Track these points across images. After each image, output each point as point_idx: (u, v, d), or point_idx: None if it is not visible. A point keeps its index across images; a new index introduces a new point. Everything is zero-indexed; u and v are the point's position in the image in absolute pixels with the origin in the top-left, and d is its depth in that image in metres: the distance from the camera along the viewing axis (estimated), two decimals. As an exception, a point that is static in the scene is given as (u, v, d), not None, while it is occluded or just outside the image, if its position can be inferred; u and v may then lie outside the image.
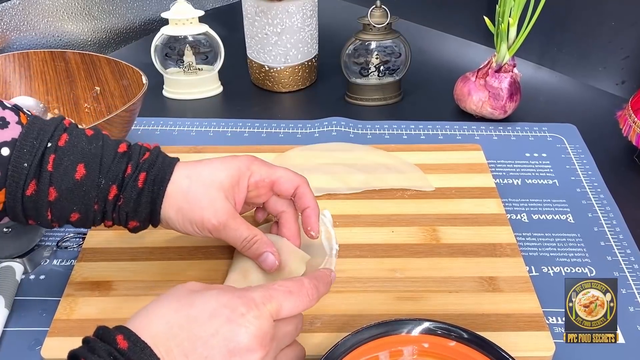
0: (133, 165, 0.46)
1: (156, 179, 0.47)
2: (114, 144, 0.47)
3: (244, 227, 0.49)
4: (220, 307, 0.37)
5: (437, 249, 0.57)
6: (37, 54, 0.74)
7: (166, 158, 0.49)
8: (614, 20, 0.81)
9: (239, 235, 0.49)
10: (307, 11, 0.82)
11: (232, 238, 0.49)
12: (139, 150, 0.48)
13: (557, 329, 0.50)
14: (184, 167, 0.49)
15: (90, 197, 0.45)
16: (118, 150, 0.47)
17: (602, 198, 0.65)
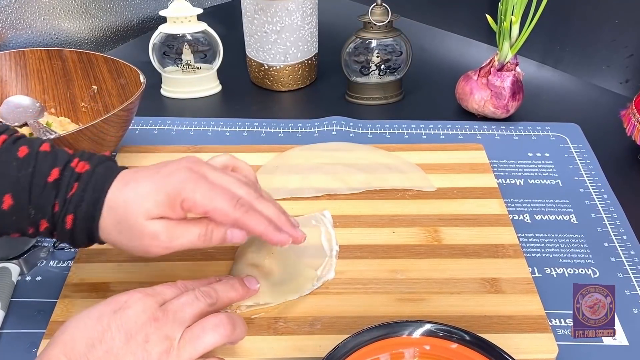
0: (60, 202, 0.45)
1: (85, 216, 0.45)
2: (46, 169, 0.45)
3: (190, 226, 0.45)
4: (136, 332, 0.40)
5: (439, 250, 0.57)
6: (34, 52, 0.73)
7: (97, 185, 0.45)
8: (618, 18, 0.81)
9: (191, 237, 0.45)
10: (307, 9, 0.81)
11: (187, 244, 0.45)
12: (68, 180, 0.45)
13: (560, 330, 0.50)
14: (115, 195, 0.45)
15: (23, 224, 0.45)
16: (48, 179, 0.45)
17: (606, 198, 0.65)
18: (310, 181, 0.65)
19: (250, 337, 0.48)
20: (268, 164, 0.68)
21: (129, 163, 0.68)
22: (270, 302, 0.51)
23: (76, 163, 0.46)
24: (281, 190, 0.64)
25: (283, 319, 0.50)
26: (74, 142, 0.59)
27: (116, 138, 0.65)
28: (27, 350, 0.48)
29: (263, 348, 0.48)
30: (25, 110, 0.71)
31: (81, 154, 0.47)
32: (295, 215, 0.60)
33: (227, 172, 0.49)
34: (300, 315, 0.50)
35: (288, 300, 0.51)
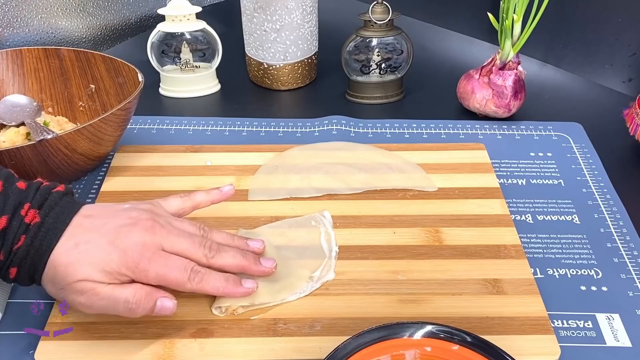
0: (5, 253, 0.45)
1: (29, 270, 0.46)
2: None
3: (119, 289, 0.45)
4: None
5: (440, 251, 0.57)
6: (31, 51, 0.73)
7: (44, 240, 0.45)
8: (621, 16, 0.80)
9: (116, 300, 0.45)
10: (307, 7, 0.81)
11: (111, 308, 0.45)
12: (15, 231, 0.45)
13: (563, 332, 0.50)
14: (60, 254, 0.45)
15: None
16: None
17: (609, 198, 0.64)
18: (310, 181, 0.65)
19: (250, 339, 0.48)
20: (267, 163, 0.68)
21: (128, 163, 0.68)
22: (266, 302, 0.51)
23: (26, 210, 0.46)
24: (281, 190, 0.64)
25: (283, 320, 0.50)
26: (72, 142, 0.59)
27: (114, 137, 0.65)
28: (25, 352, 0.48)
29: (263, 349, 0.47)
30: (22, 110, 0.71)
31: (34, 193, 0.47)
32: (295, 216, 0.60)
33: (184, 227, 0.50)
34: (300, 316, 0.50)
35: (283, 299, 0.51)
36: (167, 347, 0.48)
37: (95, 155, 0.64)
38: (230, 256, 0.49)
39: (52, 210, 0.46)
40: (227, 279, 0.48)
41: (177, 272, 0.47)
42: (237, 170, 0.67)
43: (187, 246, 0.48)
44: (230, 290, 0.48)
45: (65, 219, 0.46)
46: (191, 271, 0.47)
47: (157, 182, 0.65)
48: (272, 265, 0.51)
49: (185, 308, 0.50)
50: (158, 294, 0.46)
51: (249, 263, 0.50)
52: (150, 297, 0.46)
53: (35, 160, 0.58)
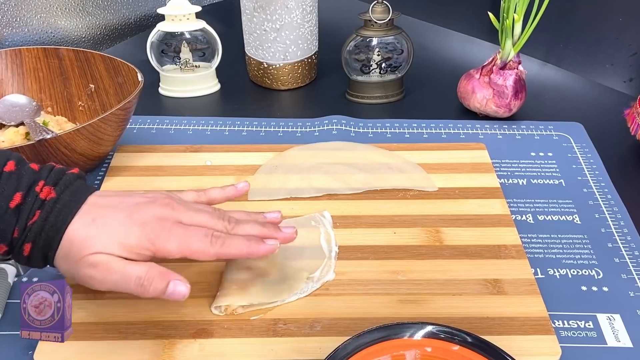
0: (20, 229, 0.45)
1: (44, 245, 0.45)
2: (9, 192, 0.44)
3: (132, 265, 0.44)
4: None
5: (441, 251, 0.56)
6: (30, 50, 0.73)
7: (59, 216, 0.45)
8: (622, 16, 0.80)
9: (128, 275, 0.44)
10: (306, 7, 0.81)
11: (122, 284, 0.44)
12: (30, 207, 0.44)
13: (564, 332, 0.50)
14: (77, 229, 0.45)
15: None
16: (10, 205, 0.44)
17: (610, 198, 0.64)
18: (310, 181, 0.64)
19: (250, 339, 0.48)
20: (267, 163, 0.68)
21: (127, 163, 0.68)
22: (264, 303, 0.51)
23: (41, 187, 0.45)
24: (281, 190, 0.63)
25: (283, 320, 0.50)
26: (71, 142, 0.59)
27: (114, 137, 0.65)
28: (24, 352, 0.48)
29: (263, 350, 0.47)
30: (21, 109, 0.71)
31: (48, 172, 0.46)
32: (295, 216, 0.60)
33: (200, 207, 0.49)
34: (300, 316, 0.50)
35: (282, 300, 0.51)
36: (166, 347, 0.47)
37: (94, 155, 0.63)
38: (249, 227, 0.49)
39: (68, 188, 0.46)
40: (249, 239, 0.47)
41: (198, 239, 0.46)
42: (237, 170, 0.67)
43: (207, 219, 0.48)
44: (254, 249, 0.47)
45: (80, 197, 0.46)
46: (212, 236, 0.46)
47: (156, 182, 0.65)
48: (293, 231, 0.50)
49: (185, 308, 0.50)
50: (172, 276, 0.45)
51: (269, 230, 0.49)
52: (163, 277, 0.44)
53: (34, 160, 0.57)
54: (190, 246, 0.45)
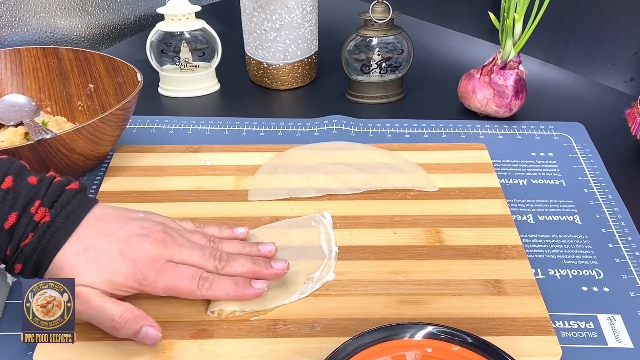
0: (12, 249, 0.45)
1: (34, 266, 0.46)
2: (5, 211, 0.44)
3: (110, 305, 0.45)
4: None
5: (441, 251, 0.56)
6: (29, 50, 0.73)
7: (51, 240, 0.45)
8: (623, 15, 0.80)
9: (104, 314, 0.45)
10: (306, 6, 0.81)
11: (97, 320, 0.45)
12: (23, 229, 0.45)
13: (564, 333, 0.50)
14: (67, 256, 0.45)
15: None
16: (5, 225, 0.44)
17: (610, 199, 0.64)
18: (310, 181, 0.64)
19: (249, 340, 0.48)
20: (267, 163, 0.67)
21: (127, 163, 0.67)
22: (259, 309, 0.50)
23: (36, 208, 0.45)
24: (281, 190, 0.63)
25: (283, 321, 0.50)
26: (71, 142, 0.59)
27: (113, 137, 0.64)
28: (23, 353, 0.48)
29: (262, 350, 0.47)
30: (20, 109, 0.71)
31: (45, 190, 0.46)
32: (295, 216, 0.60)
33: (195, 239, 0.50)
34: (300, 317, 0.50)
35: (278, 305, 0.51)
36: (166, 348, 0.47)
37: (94, 155, 0.63)
38: (240, 264, 0.50)
39: (64, 209, 0.46)
40: (236, 282, 0.49)
41: (186, 281, 0.47)
42: (237, 170, 0.67)
43: (198, 258, 0.48)
44: (241, 293, 0.48)
45: (75, 219, 0.46)
46: (199, 278, 0.47)
47: (156, 182, 0.65)
48: (284, 266, 0.51)
49: (185, 309, 0.50)
50: (146, 321, 0.46)
51: (260, 268, 0.50)
52: (136, 322, 0.45)
53: (33, 160, 0.57)
54: (176, 287, 0.47)
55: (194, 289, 0.47)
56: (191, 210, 0.60)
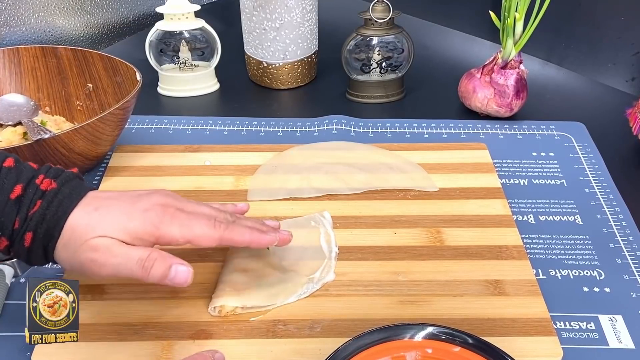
0: (21, 219, 0.44)
1: (45, 235, 0.44)
2: (9, 185, 0.44)
3: (134, 248, 0.44)
4: None
5: (441, 251, 0.56)
6: (28, 50, 0.73)
7: (60, 206, 0.45)
8: (624, 15, 0.80)
9: (130, 257, 0.44)
10: (306, 5, 0.80)
11: (124, 267, 0.44)
12: (31, 197, 0.44)
13: (565, 334, 0.49)
14: (79, 217, 0.44)
15: None
16: (10, 196, 0.44)
17: (612, 199, 0.64)
18: (310, 181, 0.64)
19: (249, 340, 0.48)
20: (267, 163, 0.67)
21: (126, 163, 0.67)
22: (259, 306, 0.50)
23: (41, 180, 0.45)
24: (281, 190, 0.63)
25: (282, 321, 0.49)
26: (69, 141, 0.59)
27: (112, 137, 0.64)
28: (22, 353, 0.47)
29: (262, 351, 0.47)
30: (19, 109, 0.70)
31: (47, 169, 0.46)
32: (295, 216, 0.60)
33: (201, 203, 0.50)
34: (300, 317, 0.50)
35: (277, 304, 0.51)
36: (165, 348, 0.47)
37: (93, 155, 0.63)
38: (249, 222, 0.50)
39: (68, 182, 0.46)
40: (252, 228, 0.49)
41: (202, 224, 0.46)
42: (237, 170, 0.66)
43: (208, 210, 0.48)
44: (256, 237, 0.48)
45: (80, 191, 0.46)
46: (216, 221, 0.47)
47: (155, 182, 0.64)
48: (289, 233, 0.51)
49: (184, 309, 0.50)
50: (174, 260, 0.45)
51: (267, 228, 0.51)
52: (165, 260, 0.44)
53: (32, 160, 0.57)
54: (193, 230, 0.46)
55: (210, 231, 0.46)
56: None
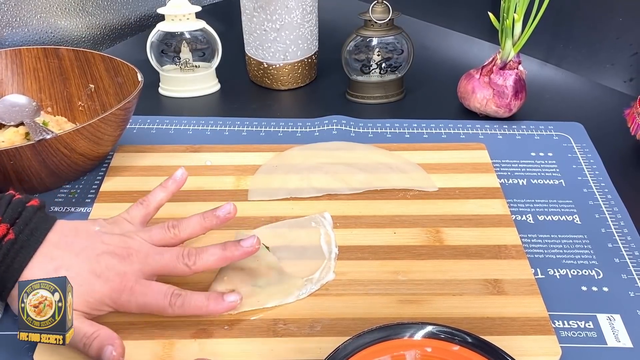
0: None
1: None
2: None
3: (83, 322, 0.45)
4: None
5: (441, 251, 0.56)
6: (30, 50, 0.73)
7: (16, 257, 0.45)
8: (622, 15, 0.80)
9: (77, 331, 0.44)
10: (306, 7, 0.81)
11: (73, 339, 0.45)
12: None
13: (564, 332, 0.50)
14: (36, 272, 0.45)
15: None
16: None
17: (610, 199, 0.64)
18: (310, 181, 0.64)
19: (250, 339, 0.48)
20: (267, 163, 0.67)
21: (127, 163, 0.68)
22: (257, 308, 0.50)
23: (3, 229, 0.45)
24: (281, 190, 0.63)
25: (283, 320, 0.50)
26: (71, 142, 0.59)
27: (113, 137, 0.64)
28: (24, 353, 0.48)
29: (263, 350, 0.47)
30: (21, 110, 0.71)
31: (5, 207, 0.46)
32: (295, 216, 0.60)
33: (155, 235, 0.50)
34: (300, 317, 0.50)
35: (272, 304, 0.51)
36: (166, 347, 0.47)
37: (94, 155, 0.63)
38: (210, 255, 0.49)
39: (26, 226, 0.46)
40: (208, 297, 0.48)
41: (158, 298, 0.47)
42: (237, 170, 0.67)
43: (167, 261, 0.48)
44: (213, 308, 0.48)
45: (39, 236, 0.46)
46: (172, 295, 0.47)
47: (156, 182, 0.64)
48: (253, 242, 0.50)
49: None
50: (113, 341, 0.45)
51: (231, 253, 0.49)
52: (102, 342, 0.45)
53: (34, 160, 0.57)
54: (149, 306, 0.47)
55: (166, 306, 0.47)
56: (191, 210, 0.60)
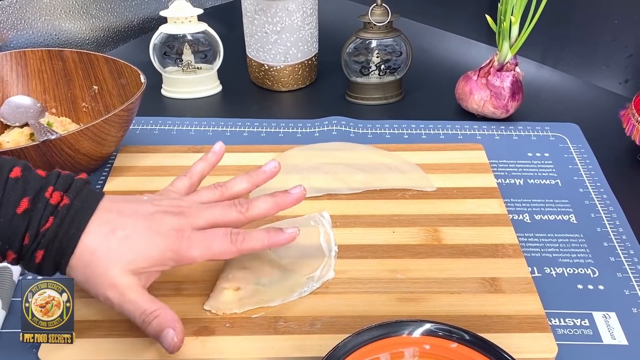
0: (31, 235, 0.43)
1: (57, 253, 0.43)
2: (15, 198, 0.43)
3: (145, 299, 0.44)
4: None
5: (439, 250, 0.57)
6: (35, 52, 0.73)
7: (73, 222, 0.43)
8: (618, 18, 0.80)
9: (138, 307, 0.44)
10: (307, 9, 0.81)
11: (130, 314, 0.44)
12: (41, 213, 0.43)
13: (560, 330, 0.50)
14: (95, 238, 0.44)
15: None
16: (17, 210, 0.43)
17: (605, 198, 0.64)
18: (310, 181, 0.65)
19: (251, 337, 0.48)
20: (268, 164, 0.68)
21: (130, 163, 0.68)
22: (261, 306, 0.51)
23: (50, 193, 0.44)
24: (281, 190, 0.64)
25: (283, 318, 0.50)
26: (75, 142, 0.59)
27: (117, 138, 0.65)
28: (28, 351, 0.48)
29: (263, 347, 0.48)
30: (26, 111, 0.71)
31: (55, 179, 0.45)
32: (294, 216, 0.60)
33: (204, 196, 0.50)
34: (301, 314, 0.50)
35: (277, 303, 0.51)
36: (169, 344, 0.48)
37: (98, 156, 0.64)
38: (262, 201, 0.50)
39: (79, 194, 0.45)
40: (268, 230, 0.48)
41: (219, 241, 0.46)
42: (238, 170, 0.67)
43: (220, 211, 0.48)
44: (275, 239, 0.48)
45: (92, 202, 0.45)
46: (231, 235, 0.47)
47: (159, 182, 0.64)
48: (300, 189, 0.51)
49: (186, 306, 0.51)
50: (170, 324, 0.44)
51: (282, 200, 0.50)
52: (162, 323, 0.44)
53: (38, 160, 0.58)
54: (212, 250, 0.46)
55: (228, 246, 0.46)
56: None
